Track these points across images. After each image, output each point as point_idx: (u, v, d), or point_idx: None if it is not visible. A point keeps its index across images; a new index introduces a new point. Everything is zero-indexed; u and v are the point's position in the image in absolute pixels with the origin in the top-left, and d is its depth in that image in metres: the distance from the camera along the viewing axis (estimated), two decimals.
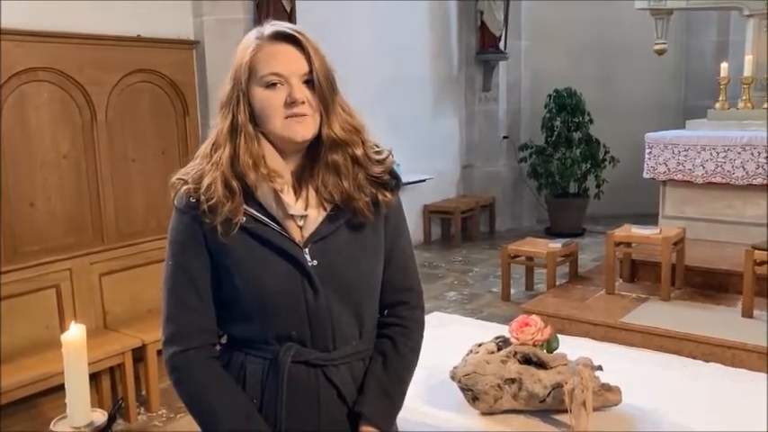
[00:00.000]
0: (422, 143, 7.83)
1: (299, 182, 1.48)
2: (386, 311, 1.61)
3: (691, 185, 5.84)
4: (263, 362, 1.48)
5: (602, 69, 8.95)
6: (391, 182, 1.54)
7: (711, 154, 5.67)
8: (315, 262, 1.44)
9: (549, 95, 8.37)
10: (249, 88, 1.42)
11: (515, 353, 2.20)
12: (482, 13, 8.15)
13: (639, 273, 5.32)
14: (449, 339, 2.79)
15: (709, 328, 4.25)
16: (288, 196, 1.45)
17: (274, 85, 1.41)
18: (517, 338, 2.23)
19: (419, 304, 1.64)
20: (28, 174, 4.26)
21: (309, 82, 1.43)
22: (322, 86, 1.43)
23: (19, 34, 4.11)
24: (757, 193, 5.53)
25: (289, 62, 1.42)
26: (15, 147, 4.19)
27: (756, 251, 4.37)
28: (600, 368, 2.16)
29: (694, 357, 3.32)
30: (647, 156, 6.04)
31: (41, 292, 3.83)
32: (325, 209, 1.46)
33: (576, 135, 8.32)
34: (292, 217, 1.45)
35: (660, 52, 6.66)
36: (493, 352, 2.24)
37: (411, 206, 7.78)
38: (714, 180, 5.68)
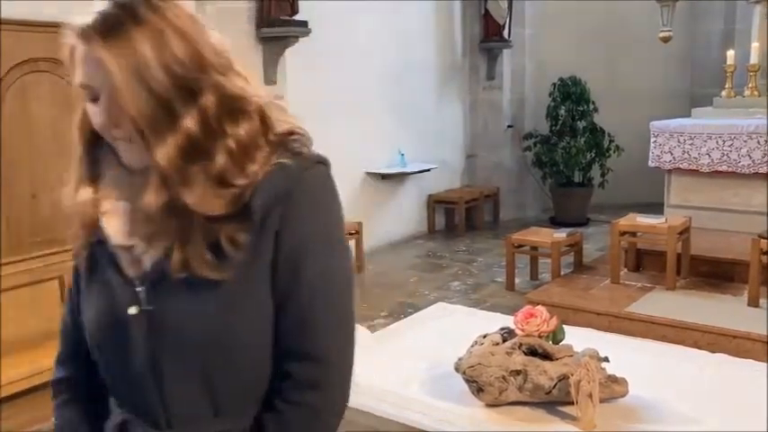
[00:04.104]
0: (425, 132, 7.80)
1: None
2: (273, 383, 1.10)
3: (696, 174, 5.80)
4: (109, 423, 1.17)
5: (607, 57, 8.88)
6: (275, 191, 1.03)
7: (717, 142, 5.63)
8: (145, 306, 1.05)
9: (554, 84, 8.32)
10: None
11: (520, 344, 2.18)
12: (486, 1, 8.11)
13: (644, 262, 5.29)
14: (453, 330, 2.78)
15: (715, 318, 4.23)
16: (115, 219, 1.10)
17: (93, 99, 1.04)
18: (522, 330, 2.22)
19: (318, 381, 1.07)
20: (30, 165, 4.24)
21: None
22: (121, 106, 0.98)
23: (19, 24, 4.08)
24: (764, 182, 5.49)
25: (84, 71, 1.04)
26: (17, 138, 4.17)
27: (763, 240, 4.35)
28: (606, 359, 2.14)
29: (699, 347, 3.30)
30: (652, 144, 6.00)
31: (44, 283, 3.83)
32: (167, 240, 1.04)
33: (581, 124, 8.27)
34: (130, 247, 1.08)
35: (665, 40, 6.60)
36: (498, 343, 2.22)
37: (415, 196, 7.78)
38: (720, 169, 5.64)
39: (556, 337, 2.25)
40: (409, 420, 2.09)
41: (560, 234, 5.66)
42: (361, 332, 3.28)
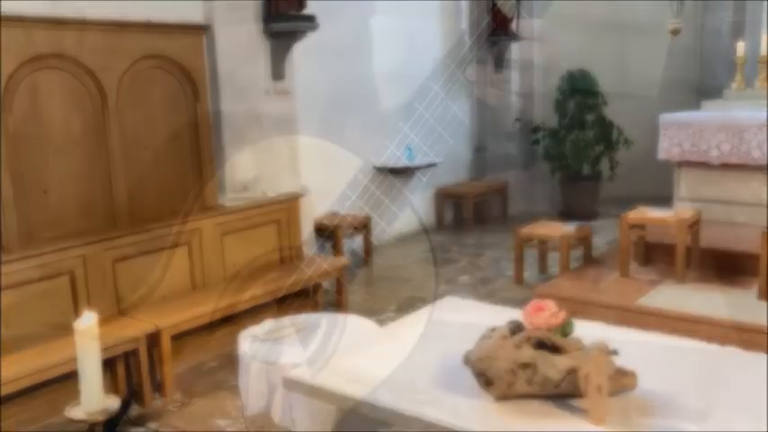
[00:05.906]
0: (433, 126, 7.79)
1: None
2: None
3: (706, 167, 5.77)
4: None
5: (616, 50, 8.84)
6: None
7: (727, 135, 5.60)
8: None
9: (562, 77, 8.30)
10: None
11: (529, 337, 2.18)
12: None
13: (654, 255, 5.27)
14: (462, 324, 2.78)
15: (725, 311, 4.21)
16: None
17: None
18: (531, 323, 2.22)
19: None
20: (41, 160, 4.27)
21: None
22: None
23: (30, 21, 4.10)
24: None
25: None
26: (28, 133, 4.20)
27: None
28: (615, 352, 2.14)
29: (710, 340, 3.28)
30: (661, 137, 5.97)
31: (56, 278, 3.86)
32: None
33: (590, 117, 8.24)
34: None
35: (675, 32, 6.57)
36: (506, 337, 2.22)
37: (423, 190, 7.77)
38: (730, 161, 5.61)
39: (565, 330, 2.25)
40: (417, 413, 2.09)
41: (569, 227, 5.66)
42: (369, 326, 3.29)
